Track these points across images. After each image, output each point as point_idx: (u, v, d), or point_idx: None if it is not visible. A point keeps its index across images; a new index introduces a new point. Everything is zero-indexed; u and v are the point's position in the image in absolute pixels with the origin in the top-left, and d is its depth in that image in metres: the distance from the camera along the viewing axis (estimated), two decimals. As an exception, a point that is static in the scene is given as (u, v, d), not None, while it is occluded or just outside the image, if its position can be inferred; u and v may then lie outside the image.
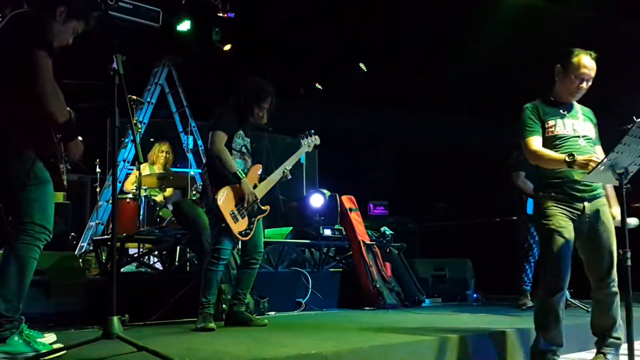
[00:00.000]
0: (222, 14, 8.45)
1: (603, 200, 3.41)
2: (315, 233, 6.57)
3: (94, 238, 6.77)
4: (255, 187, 4.33)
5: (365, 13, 8.45)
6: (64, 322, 4.24)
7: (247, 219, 4.24)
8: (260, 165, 4.47)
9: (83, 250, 7.27)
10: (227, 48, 8.85)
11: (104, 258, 5.49)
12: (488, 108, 8.06)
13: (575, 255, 3.39)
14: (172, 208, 6.02)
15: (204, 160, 4.74)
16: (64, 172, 3.06)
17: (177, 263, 5.92)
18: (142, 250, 6.04)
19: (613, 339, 3.37)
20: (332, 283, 6.39)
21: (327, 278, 6.38)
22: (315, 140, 4.78)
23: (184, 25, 8.41)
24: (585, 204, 3.33)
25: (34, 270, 2.93)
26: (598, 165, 3.01)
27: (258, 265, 4.48)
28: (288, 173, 4.51)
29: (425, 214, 9.69)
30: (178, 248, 5.90)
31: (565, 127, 3.42)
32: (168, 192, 7.10)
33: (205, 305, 4.14)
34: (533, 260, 5.99)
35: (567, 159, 3.18)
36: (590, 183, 3.31)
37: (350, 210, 6.76)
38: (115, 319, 2.70)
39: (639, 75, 6.56)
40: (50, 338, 3.03)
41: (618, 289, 3.32)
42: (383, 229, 7.08)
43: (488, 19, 7.72)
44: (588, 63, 3.40)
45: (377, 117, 9.85)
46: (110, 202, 7.35)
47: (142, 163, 6.38)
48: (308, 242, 6.51)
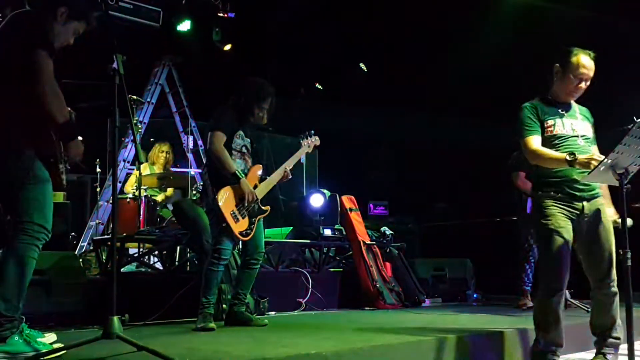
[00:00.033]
0: (222, 14, 8.44)
1: (601, 200, 3.40)
2: (316, 233, 6.57)
3: (94, 238, 6.77)
4: (256, 187, 4.32)
5: (366, 13, 8.45)
6: (64, 321, 4.24)
7: (247, 219, 4.24)
8: (261, 166, 4.47)
9: (83, 250, 7.26)
10: (227, 48, 8.85)
11: (104, 258, 5.49)
12: (488, 108, 8.05)
13: (575, 255, 3.39)
14: (172, 208, 6.02)
15: (204, 160, 4.73)
16: (64, 172, 3.06)
17: (177, 263, 5.92)
18: (142, 250, 6.03)
19: (613, 339, 3.36)
20: (332, 283, 6.39)
21: (327, 278, 6.38)
22: (315, 141, 4.78)
23: (184, 25, 8.41)
24: (584, 204, 3.33)
25: (34, 270, 2.94)
26: (599, 165, 3.01)
27: (259, 266, 4.47)
28: (289, 173, 4.51)
29: (425, 214, 9.69)
30: (178, 248, 5.90)
31: (565, 126, 3.41)
32: (168, 192, 7.10)
33: (206, 305, 4.13)
34: (533, 261, 5.99)
35: (568, 158, 3.17)
36: (589, 182, 3.30)
37: (351, 210, 6.76)
38: (116, 319, 2.71)
39: (639, 75, 6.56)
40: (51, 338, 3.03)
41: (617, 289, 3.31)
42: (383, 229, 7.08)
43: (488, 19, 7.72)
44: (587, 63, 3.39)
45: (377, 117, 9.84)
46: (111, 202, 7.34)
47: (142, 163, 6.38)
48: (308, 242, 6.51)
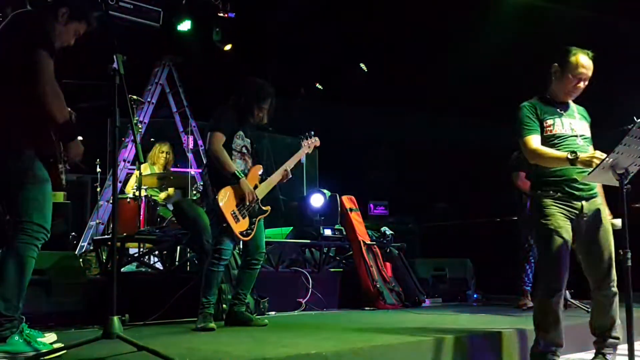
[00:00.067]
0: (222, 14, 8.44)
1: (599, 200, 3.40)
2: (316, 233, 6.57)
3: (95, 238, 6.77)
4: (256, 187, 4.32)
5: (366, 13, 8.45)
6: (65, 321, 4.24)
7: (248, 219, 4.24)
8: (261, 166, 4.47)
9: (83, 250, 7.26)
10: (227, 48, 8.85)
11: (104, 258, 5.49)
12: (488, 108, 8.05)
13: (574, 255, 3.38)
14: (172, 208, 6.02)
15: (205, 160, 4.74)
16: (63, 172, 3.06)
17: (177, 263, 5.92)
18: (142, 250, 6.04)
19: (612, 339, 3.36)
20: (332, 283, 6.39)
21: (327, 278, 6.38)
22: (315, 142, 4.78)
23: (185, 25, 8.41)
24: (583, 203, 3.32)
25: (35, 270, 2.94)
26: (600, 164, 3.00)
27: (260, 266, 4.47)
28: (289, 173, 4.51)
29: (426, 214, 9.69)
30: (178, 248, 5.90)
31: (564, 126, 3.40)
32: (170, 190, 7.09)
33: (206, 305, 4.13)
34: (533, 261, 5.98)
35: (569, 157, 3.16)
36: (588, 182, 3.30)
37: (351, 210, 6.76)
38: (116, 319, 2.71)
39: (639, 75, 6.56)
40: (51, 338, 3.03)
41: (617, 289, 3.31)
42: (383, 229, 7.08)
43: (488, 19, 7.72)
44: (586, 62, 3.37)
45: (377, 117, 9.84)
46: (111, 201, 7.34)
47: (142, 163, 6.38)
48: (308, 242, 6.51)
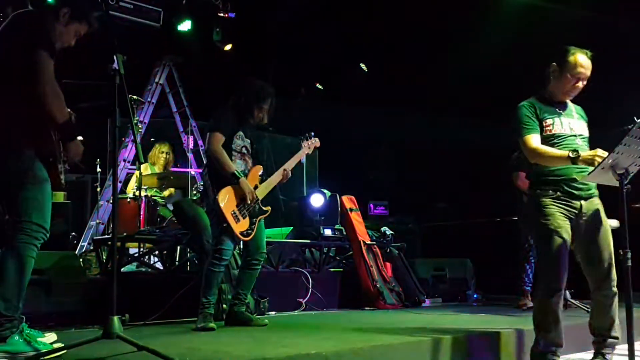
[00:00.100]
0: (222, 14, 8.44)
1: (597, 200, 3.39)
2: (316, 233, 6.57)
3: (95, 238, 6.77)
4: (256, 188, 4.32)
5: (366, 13, 8.45)
6: (65, 321, 4.24)
7: (248, 219, 4.24)
8: (261, 167, 4.47)
9: (83, 250, 7.27)
10: (227, 48, 8.84)
11: (105, 258, 5.49)
12: (488, 108, 8.05)
13: (573, 255, 3.38)
14: (172, 208, 6.02)
15: (205, 160, 4.74)
16: (62, 172, 3.06)
17: (177, 263, 5.92)
18: (142, 250, 6.03)
19: (612, 339, 3.36)
20: (332, 283, 6.39)
21: (327, 278, 6.38)
22: (315, 142, 4.79)
23: (185, 25, 8.41)
24: (582, 203, 3.31)
25: (35, 270, 2.94)
26: (602, 162, 3.00)
27: (260, 266, 4.48)
28: (289, 172, 4.51)
29: (426, 214, 9.69)
30: (178, 248, 5.90)
31: (563, 125, 3.39)
32: (171, 191, 7.09)
33: (206, 305, 4.13)
34: (533, 261, 5.98)
35: (571, 155, 3.15)
36: (587, 182, 3.29)
37: (351, 210, 6.76)
38: (116, 319, 2.71)
39: (639, 75, 6.56)
40: (51, 337, 3.04)
41: (617, 289, 3.31)
42: (383, 229, 7.08)
43: (488, 19, 7.72)
44: (584, 62, 3.36)
45: (377, 117, 9.84)
46: (111, 201, 7.34)
47: (142, 163, 6.38)
48: (308, 242, 6.51)
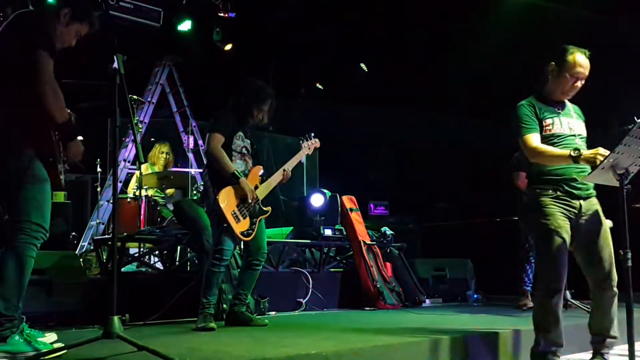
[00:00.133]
0: (223, 14, 8.44)
1: (595, 200, 3.38)
2: (316, 233, 6.57)
3: (95, 237, 6.77)
4: (257, 188, 4.33)
5: (366, 13, 8.45)
6: (65, 321, 4.24)
7: (248, 219, 4.24)
8: (261, 167, 4.48)
9: (84, 250, 7.27)
10: (228, 48, 8.85)
11: (105, 257, 5.49)
12: (488, 108, 8.05)
13: (572, 255, 3.37)
14: (172, 208, 6.02)
15: (205, 160, 4.74)
16: (62, 171, 3.06)
17: (177, 263, 5.92)
18: (142, 250, 6.04)
19: (611, 339, 3.35)
20: (332, 283, 6.39)
21: (327, 278, 6.38)
22: (315, 143, 4.79)
23: (185, 25, 8.41)
24: (582, 203, 3.31)
25: (35, 270, 2.94)
26: (603, 161, 3.00)
27: (261, 267, 4.48)
28: (289, 172, 4.51)
29: (426, 214, 9.69)
30: (178, 248, 5.90)
31: (562, 125, 3.38)
32: (171, 191, 7.09)
33: (206, 306, 4.14)
34: (533, 261, 5.97)
35: (572, 154, 3.14)
36: (586, 182, 3.28)
37: (351, 210, 6.76)
38: (116, 319, 2.71)
39: (639, 75, 6.56)
40: (51, 337, 3.04)
41: (617, 289, 3.31)
42: (383, 229, 7.07)
43: (488, 19, 7.72)
44: (583, 61, 3.35)
45: (377, 117, 9.85)
46: (111, 201, 7.34)
47: (142, 163, 6.39)
48: (308, 242, 6.51)
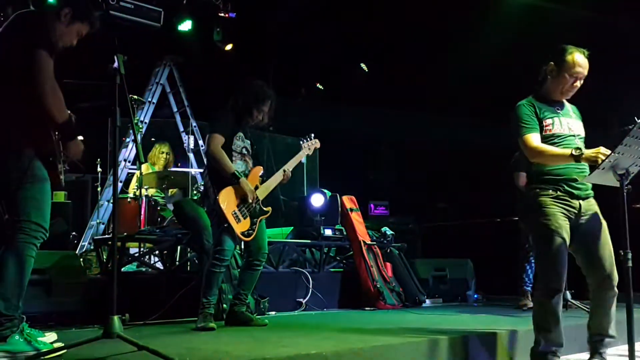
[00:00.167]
0: (223, 14, 8.44)
1: (593, 200, 3.38)
2: (316, 233, 6.57)
3: (95, 237, 6.77)
4: (257, 188, 4.33)
5: (366, 13, 8.45)
6: (65, 321, 4.25)
7: (249, 220, 4.24)
8: (261, 167, 4.48)
9: (84, 250, 7.27)
10: (228, 48, 8.85)
11: (105, 257, 5.50)
12: (488, 108, 8.06)
13: (571, 256, 3.37)
14: (172, 208, 6.02)
15: (205, 161, 4.74)
16: (62, 171, 3.06)
17: (177, 263, 5.92)
18: (142, 250, 6.04)
19: (609, 338, 3.35)
20: (332, 283, 6.39)
21: (327, 278, 6.38)
22: (316, 144, 4.79)
23: (185, 25, 8.41)
24: (581, 203, 3.30)
25: (35, 269, 2.94)
26: (600, 165, 3.00)
27: (262, 267, 4.48)
28: (289, 173, 4.51)
29: (426, 214, 9.70)
30: (179, 248, 5.90)
31: (562, 125, 3.37)
32: (173, 191, 7.09)
33: (206, 305, 4.14)
34: (534, 261, 5.97)
35: (574, 153, 3.14)
36: (586, 182, 3.28)
37: (351, 211, 6.76)
38: (116, 318, 2.71)
39: (639, 75, 6.56)
40: (51, 337, 3.04)
41: (617, 289, 3.30)
42: (384, 229, 7.07)
43: (488, 19, 7.73)
44: (582, 61, 3.35)
45: (377, 117, 9.86)
46: (112, 201, 7.34)
47: (142, 163, 6.39)
48: (309, 242, 6.51)
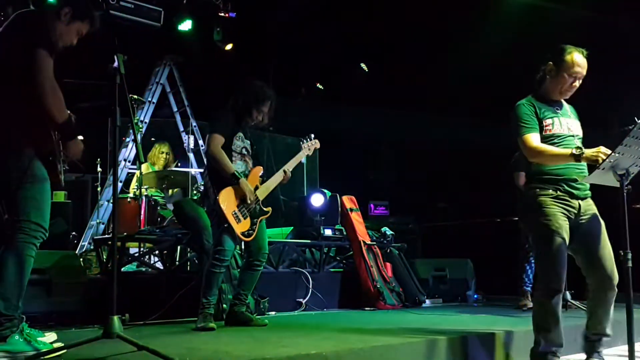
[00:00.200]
0: (223, 14, 8.44)
1: (591, 200, 3.38)
2: (316, 233, 6.57)
3: (95, 237, 6.77)
4: (257, 188, 4.33)
5: (366, 13, 8.45)
6: (65, 321, 4.24)
7: (249, 220, 4.24)
8: (261, 168, 4.48)
9: (84, 250, 7.27)
10: (228, 48, 8.86)
11: (105, 257, 5.50)
12: (488, 108, 8.05)
13: (571, 256, 3.37)
14: (172, 208, 6.02)
15: (205, 161, 4.74)
16: (62, 171, 3.06)
17: (177, 263, 5.92)
18: (142, 250, 6.04)
19: (607, 337, 3.35)
20: (332, 283, 6.38)
21: (327, 278, 6.38)
22: (315, 144, 4.79)
23: (186, 25, 8.41)
24: (580, 203, 3.31)
25: (35, 269, 2.94)
26: (600, 165, 3.00)
27: (262, 267, 4.48)
28: (289, 173, 4.51)
29: (426, 214, 9.70)
30: (179, 248, 5.90)
31: (562, 125, 3.37)
32: (173, 191, 7.09)
33: (206, 306, 4.14)
34: (534, 261, 5.97)
35: (575, 152, 3.13)
36: (585, 183, 3.28)
37: (351, 211, 6.76)
38: (116, 319, 2.71)
39: (639, 75, 6.56)
40: (51, 337, 3.04)
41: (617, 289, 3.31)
42: (384, 229, 7.07)
43: (488, 19, 7.73)
44: (581, 61, 3.35)
45: (377, 117, 9.85)
46: (111, 201, 7.34)
47: (142, 163, 6.39)
48: (309, 242, 6.51)
